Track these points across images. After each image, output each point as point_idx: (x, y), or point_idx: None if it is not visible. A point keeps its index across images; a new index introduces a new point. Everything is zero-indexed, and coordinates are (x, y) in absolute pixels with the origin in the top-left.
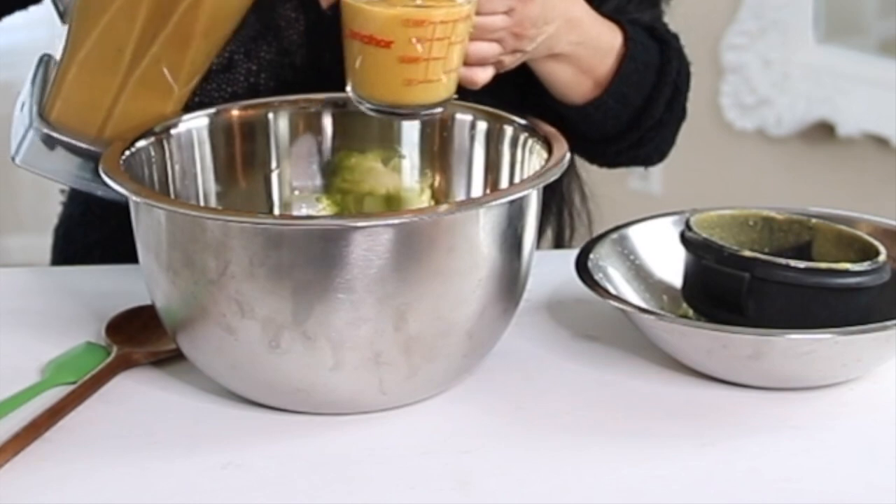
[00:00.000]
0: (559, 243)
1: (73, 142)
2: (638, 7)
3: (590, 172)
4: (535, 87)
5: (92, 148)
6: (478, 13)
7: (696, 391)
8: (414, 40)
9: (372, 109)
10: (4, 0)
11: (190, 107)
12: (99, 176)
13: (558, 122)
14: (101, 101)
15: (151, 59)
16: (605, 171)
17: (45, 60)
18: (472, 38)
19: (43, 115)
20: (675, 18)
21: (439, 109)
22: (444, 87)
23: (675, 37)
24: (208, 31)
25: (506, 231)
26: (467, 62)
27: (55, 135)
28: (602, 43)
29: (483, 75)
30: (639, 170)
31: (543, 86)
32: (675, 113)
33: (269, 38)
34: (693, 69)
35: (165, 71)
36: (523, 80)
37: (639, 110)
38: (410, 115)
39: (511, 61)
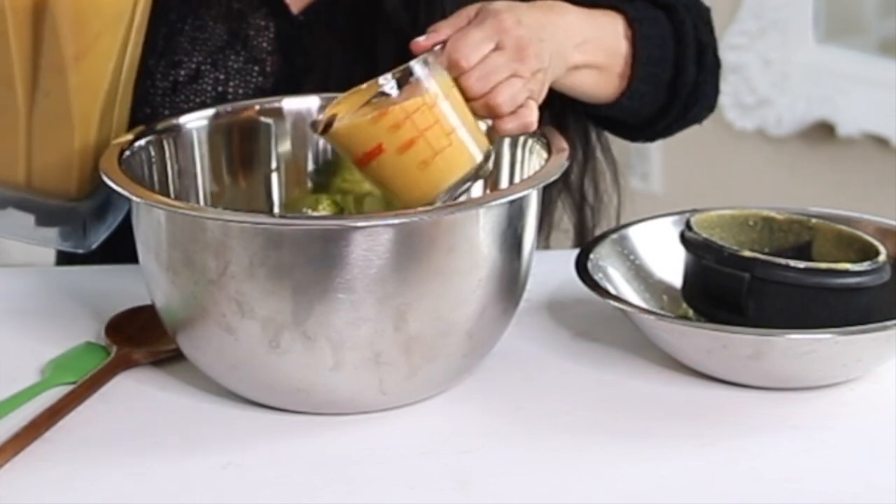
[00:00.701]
0: (581, 241)
1: (9, 198)
2: None
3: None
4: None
5: (28, 196)
6: (470, 67)
7: (696, 391)
8: (395, 128)
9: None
10: None
11: (160, 119)
12: (45, 227)
13: (602, 123)
14: (14, 146)
15: (41, 92)
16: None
17: None
18: (486, 90)
19: None
20: None
21: (485, 167)
22: (464, 149)
23: None
24: (81, 55)
25: (506, 231)
26: (503, 112)
27: None
28: (606, 35)
29: (531, 115)
30: (639, 170)
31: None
32: (707, 67)
33: (237, 47)
34: (710, 11)
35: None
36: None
37: (672, 81)
38: (465, 185)
39: (540, 87)
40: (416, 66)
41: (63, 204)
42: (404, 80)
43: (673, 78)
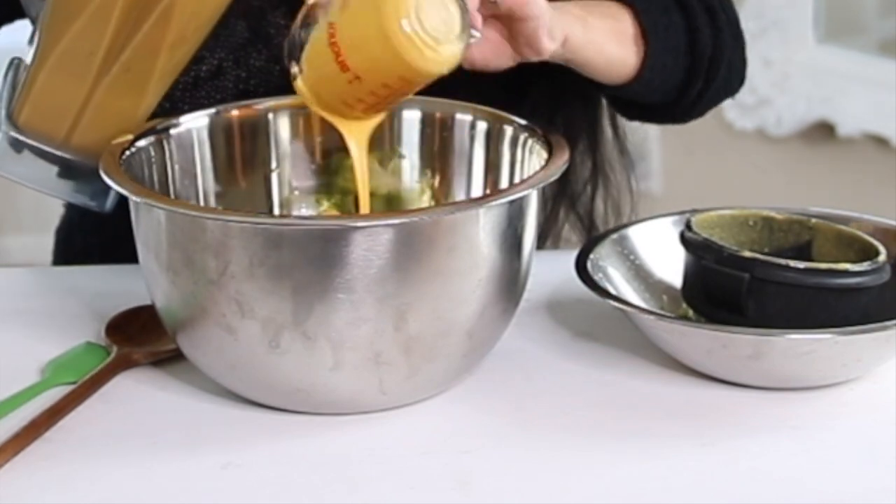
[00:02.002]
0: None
1: (41, 146)
2: None
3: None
4: (539, 84)
5: (59, 153)
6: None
7: (696, 391)
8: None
9: None
10: None
11: (179, 114)
12: (65, 180)
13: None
14: (69, 105)
15: (121, 66)
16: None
17: (14, 63)
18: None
19: (11, 118)
20: None
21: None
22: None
23: None
24: (177, 42)
25: (506, 231)
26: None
27: (23, 138)
28: (607, 11)
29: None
30: (639, 170)
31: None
32: (724, 32)
33: (258, 45)
34: None
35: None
36: (525, 79)
37: (689, 48)
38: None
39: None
40: None
41: (95, 163)
42: None
43: (690, 44)
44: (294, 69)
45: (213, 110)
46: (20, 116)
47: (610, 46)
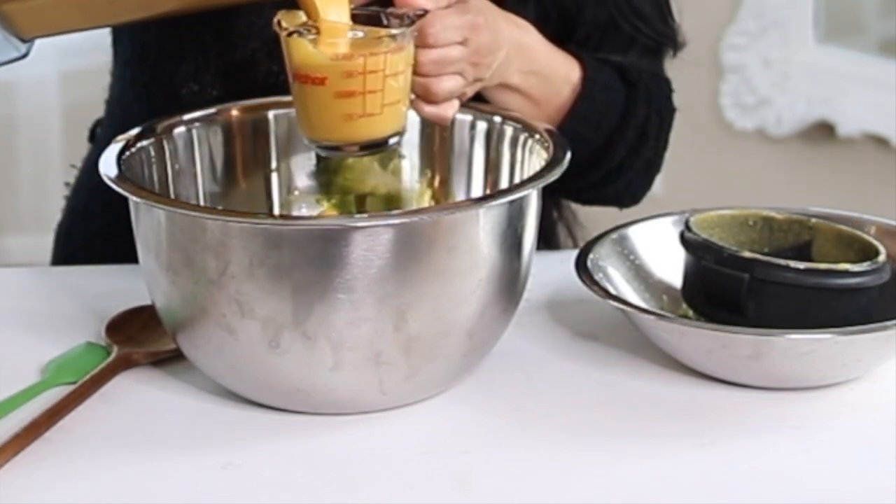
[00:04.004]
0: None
1: None
2: (639, 55)
3: None
4: None
5: None
6: (434, 46)
7: (696, 391)
8: (346, 74)
9: (320, 148)
10: None
11: (204, 103)
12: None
13: None
14: None
15: None
16: None
17: None
18: (434, 74)
19: None
20: (670, 62)
21: (391, 142)
22: (388, 122)
23: (665, 81)
24: None
25: (506, 231)
26: (435, 100)
27: None
28: (556, 74)
29: (452, 111)
30: None
31: None
32: (641, 158)
33: None
34: (693, 69)
35: None
36: None
37: (598, 151)
38: (356, 153)
39: (471, 91)
40: (397, 33)
41: (6, 31)
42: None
43: (600, 149)
44: (282, 23)
45: (213, 110)
46: None
47: (514, 109)
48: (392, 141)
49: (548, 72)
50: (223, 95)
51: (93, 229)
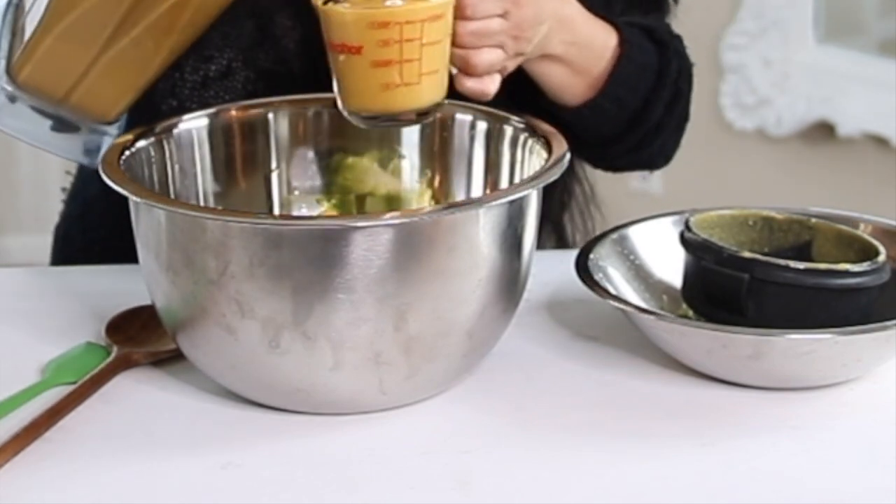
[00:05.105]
0: (561, 246)
1: (38, 104)
2: (643, 9)
3: (589, 172)
4: (526, 89)
5: (54, 111)
6: (472, 18)
7: (696, 391)
8: (382, 43)
9: (360, 120)
10: None
11: (187, 113)
12: (58, 135)
13: (553, 124)
14: (72, 70)
15: (131, 40)
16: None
17: (13, 4)
18: (473, 46)
19: (10, 73)
20: (674, 18)
21: (429, 115)
22: (427, 91)
23: (678, 38)
24: (190, 24)
25: (506, 231)
26: (474, 73)
27: (21, 94)
28: (596, 43)
29: (493, 86)
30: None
31: (536, 88)
32: (675, 116)
33: (266, 46)
34: (693, 69)
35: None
36: (513, 82)
37: (636, 113)
38: (398, 122)
39: (513, 66)
40: (435, 3)
41: (89, 122)
42: None
43: (639, 110)
44: None
45: (213, 110)
46: (20, 73)
47: (557, 80)
48: (437, 108)
49: (589, 41)
50: (202, 108)
51: (90, 237)
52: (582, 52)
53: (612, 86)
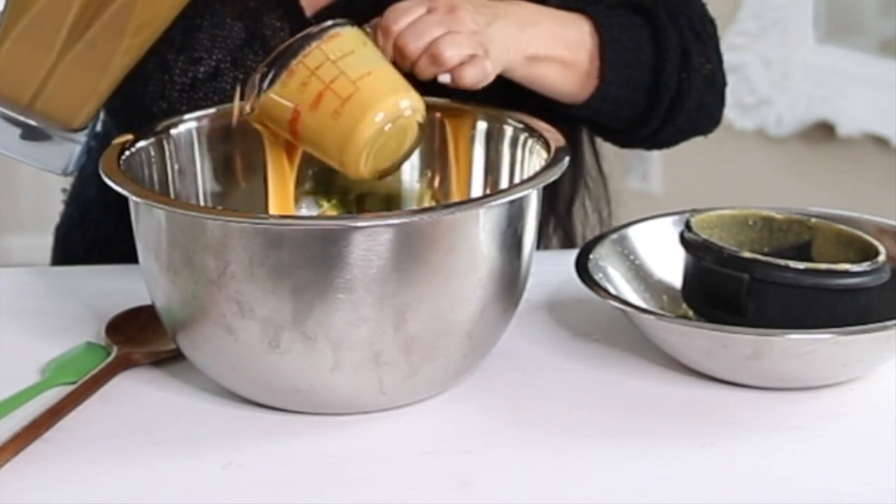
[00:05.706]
0: (568, 243)
1: (4, 110)
2: None
3: (598, 167)
4: (540, 99)
5: (21, 117)
6: (395, 21)
7: (696, 391)
8: (302, 86)
9: (377, 174)
10: None
11: (178, 115)
12: (28, 143)
13: (576, 123)
14: (33, 75)
15: (86, 43)
16: (604, 171)
17: None
18: (413, 36)
19: None
20: None
21: (403, 105)
22: (375, 91)
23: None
24: (144, 25)
25: (506, 231)
26: (450, 64)
27: None
28: (568, 30)
29: (482, 63)
30: (639, 170)
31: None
32: (695, 74)
33: (255, 46)
34: (706, 15)
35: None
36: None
37: (650, 87)
38: (400, 152)
39: (482, 48)
40: (327, 24)
41: (58, 130)
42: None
43: (651, 83)
44: (247, 107)
45: (212, 110)
46: None
47: (553, 79)
48: (404, 105)
49: (558, 29)
50: (192, 110)
51: (91, 237)
52: (558, 40)
53: (609, 70)
